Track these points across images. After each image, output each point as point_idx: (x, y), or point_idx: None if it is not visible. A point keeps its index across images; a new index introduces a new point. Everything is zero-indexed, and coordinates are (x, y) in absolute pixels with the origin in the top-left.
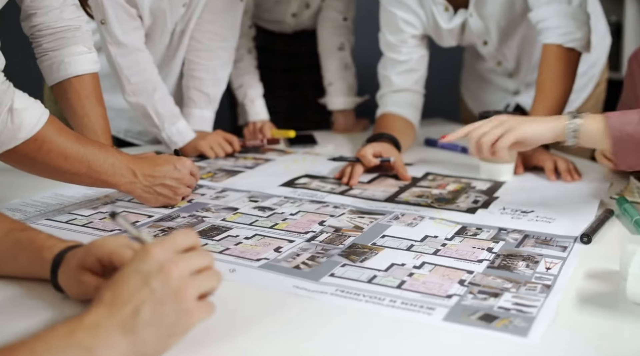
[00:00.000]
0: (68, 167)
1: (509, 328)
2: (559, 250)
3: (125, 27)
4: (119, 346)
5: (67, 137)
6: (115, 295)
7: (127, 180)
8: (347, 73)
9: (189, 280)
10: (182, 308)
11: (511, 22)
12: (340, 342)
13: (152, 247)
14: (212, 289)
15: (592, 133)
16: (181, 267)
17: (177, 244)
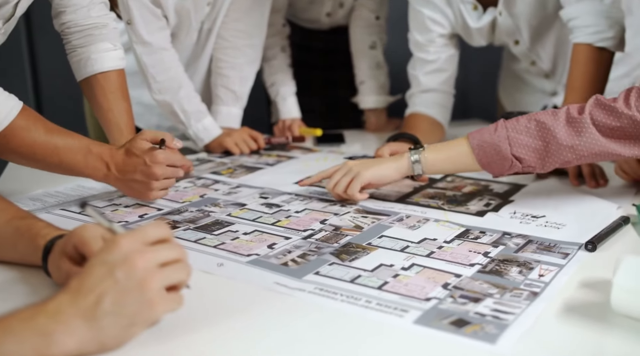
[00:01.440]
0: (39, 159)
1: (478, 335)
2: (560, 257)
3: (151, 27)
4: (78, 333)
5: (38, 131)
6: (81, 284)
7: (101, 173)
8: (378, 72)
9: (154, 271)
10: (145, 299)
11: (543, 21)
12: (303, 338)
13: (120, 238)
14: (180, 282)
15: (439, 160)
16: (147, 258)
17: (147, 236)
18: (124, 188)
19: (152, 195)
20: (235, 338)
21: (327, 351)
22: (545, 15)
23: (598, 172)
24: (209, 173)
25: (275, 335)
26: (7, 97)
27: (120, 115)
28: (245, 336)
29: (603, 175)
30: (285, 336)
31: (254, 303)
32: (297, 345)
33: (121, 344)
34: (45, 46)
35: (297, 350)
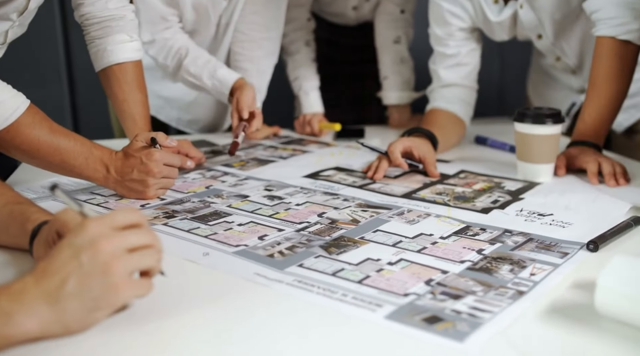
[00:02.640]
0: (41, 158)
1: (448, 332)
2: (557, 257)
3: (156, 28)
4: (40, 314)
5: (42, 130)
6: (46, 266)
7: (100, 175)
8: (402, 67)
9: (120, 256)
10: (109, 283)
11: (568, 15)
12: (270, 329)
13: (88, 222)
14: (148, 268)
15: None
16: (113, 243)
17: (115, 220)
18: (123, 190)
19: (150, 193)
20: (202, 326)
21: (291, 342)
22: (569, 8)
23: (619, 171)
24: (221, 165)
25: (243, 324)
26: (15, 94)
27: (135, 105)
28: (213, 325)
29: (624, 174)
30: (252, 326)
31: (230, 292)
32: (262, 336)
33: (85, 327)
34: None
35: (260, 340)
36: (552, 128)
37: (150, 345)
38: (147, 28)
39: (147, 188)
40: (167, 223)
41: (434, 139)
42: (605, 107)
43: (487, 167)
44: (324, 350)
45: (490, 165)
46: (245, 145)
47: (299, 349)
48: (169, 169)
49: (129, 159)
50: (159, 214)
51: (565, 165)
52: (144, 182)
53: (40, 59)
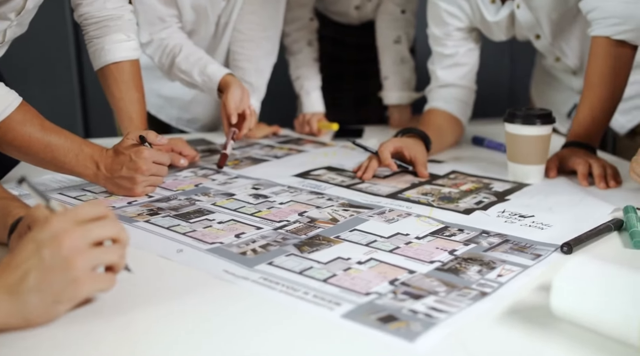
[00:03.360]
0: (32, 154)
1: (400, 332)
2: (529, 258)
3: (153, 29)
4: (1, 306)
5: (33, 127)
6: (10, 260)
7: (90, 172)
8: (403, 67)
9: (82, 250)
10: (70, 278)
11: (565, 15)
12: (225, 325)
13: (52, 216)
14: (111, 263)
15: None
16: (75, 237)
17: (79, 214)
18: (112, 186)
19: (137, 190)
20: (167, 321)
21: (248, 339)
22: (566, 8)
23: (610, 173)
24: (215, 163)
25: (205, 320)
26: (7, 92)
27: (132, 104)
28: (177, 320)
29: (615, 177)
30: (213, 323)
31: (198, 289)
32: (223, 332)
33: (47, 320)
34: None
35: (220, 336)
36: (541, 129)
37: (115, 338)
38: (145, 28)
39: (135, 185)
40: (149, 220)
41: (427, 140)
42: (600, 108)
43: (479, 168)
44: (278, 347)
45: (483, 165)
46: (243, 144)
47: (255, 346)
48: (157, 167)
49: (118, 156)
50: (143, 211)
51: (556, 167)
52: (132, 179)
53: (51, 58)
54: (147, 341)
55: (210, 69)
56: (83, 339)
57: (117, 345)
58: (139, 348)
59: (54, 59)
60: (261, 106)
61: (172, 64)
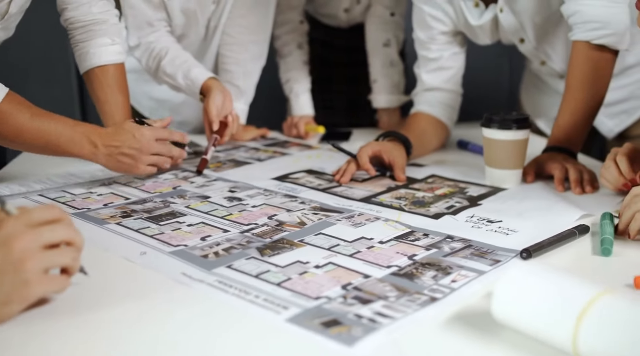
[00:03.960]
0: (26, 142)
1: (340, 336)
2: (487, 264)
3: (142, 33)
4: None
5: (23, 114)
6: None
7: (88, 151)
8: (392, 70)
9: (33, 253)
10: (21, 279)
11: (549, 19)
12: (179, 327)
13: (5, 219)
14: (63, 265)
15: None
16: (26, 240)
17: (32, 218)
18: (113, 163)
19: (140, 168)
20: (119, 322)
21: (188, 342)
22: (549, 11)
23: (587, 178)
24: (195, 166)
25: (150, 323)
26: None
27: (116, 107)
28: (121, 322)
29: (592, 182)
30: (158, 325)
31: (152, 291)
32: (172, 333)
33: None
34: None
35: (169, 337)
36: (517, 133)
37: (66, 338)
38: (133, 32)
39: (137, 162)
40: (121, 222)
41: (407, 143)
42: (580, 112)
43: (458, 172)
44: (221, 351)
45: (463, 170)
46: (229, 146)
47: (197, 349)
48: (160, 146)
49: (119, 133)
50: (116, 213)
51: (533, 172)
52: (134, 157)
53: (50, 58)
54: (96, 342)
55: (193, 73)
56: (34, 339)
57: (67, 345)
58: (88, 348)
59: (53, 59)
60: (252, 109)
61: (158, 67)
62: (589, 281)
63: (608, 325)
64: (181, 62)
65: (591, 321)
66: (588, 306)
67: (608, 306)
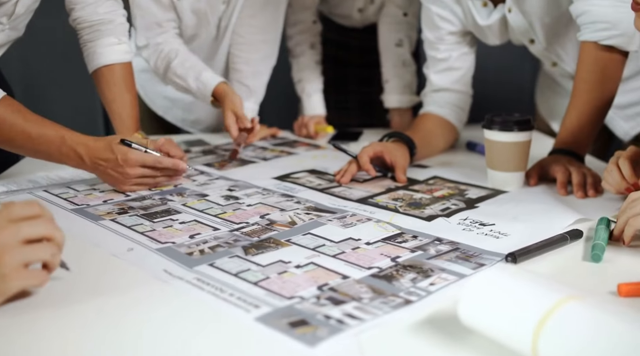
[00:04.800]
0: (18, 146)
1: (304, 337)
2: (470, 268)
3: (150, 33)
4: None
5: (16, 120)
6: None
7: (75, 162)
8: (404, 70)
9: (11, 247)
10: (3, 270)
11: (559, 19)
12: (153, 322)
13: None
14: (42, 260)
15: None
16: (4, 235)
17: (12, 213)
18: (100, 176)
19: (126, 189)
20: (96, 317)
21: (164, 338)
22: (560, 12)
23: (590, 182)
24: (202, 164)
25: (125, 318)
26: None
27: (123, 106)
28: (98, 318)
29: (595, 186)
30: (132, 321)
31: (132, 287)
32: (145, 329)
33: None
34: None
35: (140, 333)
36: (519, 135)
37: (43, 332)
38: (142, 33)
39: (121, 183)
40: (115, 219)
41: (411, 144)
42: (587, 114)
43: (462, 174)
44: (189, 347)
45: (467, 171)
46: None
47: (167, 345)
48: (146, 171)
49: (106, 152)
50: (113, 210)
51: (537, 174)
52: (117, 178)
53: (72, 60)
54: (69, 335)
55: (204, 76)
56: (9, 330)
57: (43, 338)
58: (62, 341)
59: (75, 60)
60: (267, 108)
61: (167, 68)
62: (557, 287)
63: (567, 334)
64: (192, 65)
65: (551, 329)
66: (548, 314)
67: (569, 314)
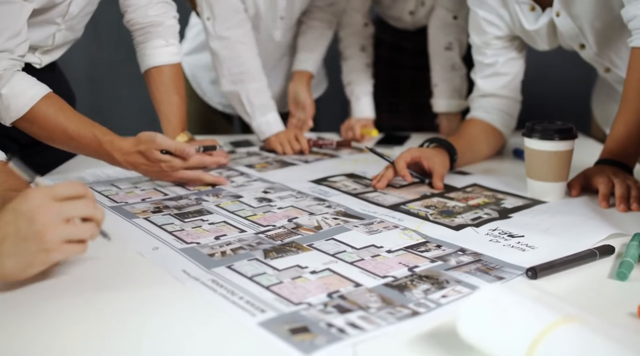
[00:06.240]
0: (58, 143)
1: (302, 344)
2: (488, 281)
3: (230, 22)
4: None
5: (57, 119)
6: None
7: (111, 162)
8: (453, 74)
9: (55, 225)
10: (42, 247)
11: (611, 24)
12: (161, 321)
13: (31, 191)
14: (82, 238)
15: None
16: (49, 213)
17: (56, 192)
18: (140, 173)
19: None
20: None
21: (169, 338)
22: (612, 17)
23: (634, 194)
24: (244, 165)
25: (135, 315)
26: (34, 84)
27: (170, 106)
28: (103, 311)
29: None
30: (146, 317)
31: (149, 285)
32: (152, 327)
33: (20, 278)
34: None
35: (148, 332)
36: (560, 144)
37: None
38: (221, 21)
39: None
40: (149, 218)
41: (451, 150)
42: (636, 123)
43: (502, 182)
44: (190, 347)
45: (508, 180)
46: None
47: (168, 344)
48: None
49: (144, 161)
50: (149, 208)
51: (579, 185)
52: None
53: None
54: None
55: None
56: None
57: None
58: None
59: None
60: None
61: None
62: (559, 307)
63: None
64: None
65: (544, 350)
66: (542, 335)
67: (562, 336)
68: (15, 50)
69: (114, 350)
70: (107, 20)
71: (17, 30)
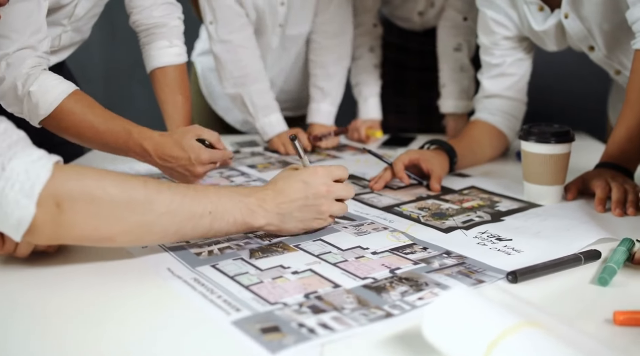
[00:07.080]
0: (86, 140)
1: (270, 344)
2: (469, 284)
3: (232, 26)
4: (269, 218)
5: (85, 115)
6: (283, 188)
7: (141, 158)
8: (461, 75)
9: (329, 202)
10: (317, 217)
11: (620, 26)
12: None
13: (318, 169)
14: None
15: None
16: (329, 191)
17: (333, 174)
18: (164, 171)
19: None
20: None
21: (132, 333)
22: (621, 18)
23: (631, 199)
24: (246, 165)
25: (102, 312)
26: (60, 82)
27: (174, 107)
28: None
29: (636, 204)
30: (112, 311)
31: (125, 282)
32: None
33: (292, 234)
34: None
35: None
36: (556, 147)
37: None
38: (223, 24)
39: (188, 181)
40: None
41: (451, 153)
42: (637, 127)
43: (501, 185)
44: (161, 344)
45: (507, 182)
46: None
47: (139, 341)
48: (212, 166)
49: (176, 151)
50: None
51: (576, 188)
52: (186, 178)
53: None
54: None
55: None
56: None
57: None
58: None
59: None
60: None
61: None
62: (522, 311)
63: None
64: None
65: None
66: (498, 339)
67: (519, 340)
68: (38, 46)
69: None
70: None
71: (38, 27)
